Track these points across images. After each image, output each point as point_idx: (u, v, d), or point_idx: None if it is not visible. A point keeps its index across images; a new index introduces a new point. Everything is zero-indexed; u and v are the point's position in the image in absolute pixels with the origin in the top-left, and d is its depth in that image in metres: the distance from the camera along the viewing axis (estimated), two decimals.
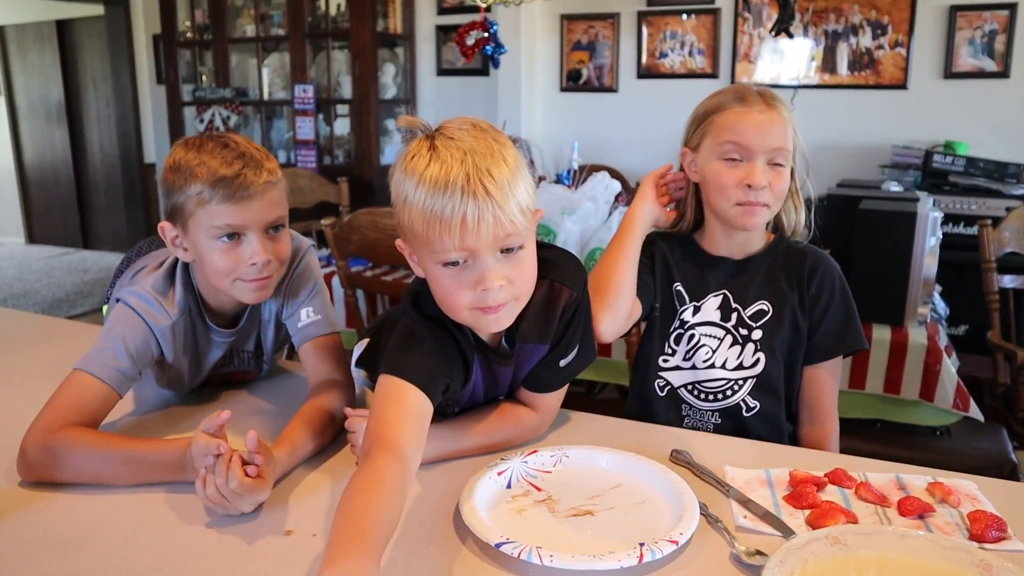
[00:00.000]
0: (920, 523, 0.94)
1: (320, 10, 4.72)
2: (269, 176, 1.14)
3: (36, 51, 6.94)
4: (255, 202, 1.12)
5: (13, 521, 0.95)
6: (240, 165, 1.11)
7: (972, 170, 3.37)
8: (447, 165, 0.93)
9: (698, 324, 1.34)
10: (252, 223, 1.14)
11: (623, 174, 3.28)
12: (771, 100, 1.26)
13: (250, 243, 1.14)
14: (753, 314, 1.32)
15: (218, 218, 1.12)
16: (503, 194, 0.93)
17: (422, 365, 1.00)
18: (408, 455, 0.90)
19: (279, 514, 0.96)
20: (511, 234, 0.95)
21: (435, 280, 1.00)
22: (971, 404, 2.12)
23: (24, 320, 1.96)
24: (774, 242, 1.36)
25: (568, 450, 1.07)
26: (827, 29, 3.82)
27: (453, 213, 0.92)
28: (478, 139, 0.96)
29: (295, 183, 3.67)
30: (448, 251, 0.95)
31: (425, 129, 0.99)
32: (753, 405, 1.32)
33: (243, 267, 1.15)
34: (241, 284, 1.17)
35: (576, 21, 4.39)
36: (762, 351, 1.31)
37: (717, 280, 1.35)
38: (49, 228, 7.30)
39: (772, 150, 1.24)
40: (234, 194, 1.11)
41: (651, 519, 0.94)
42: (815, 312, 1.31)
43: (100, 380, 1.12)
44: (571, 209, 2.49)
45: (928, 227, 2.16)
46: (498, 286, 0.96)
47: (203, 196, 1.11)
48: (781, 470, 1.05)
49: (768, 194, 1.25)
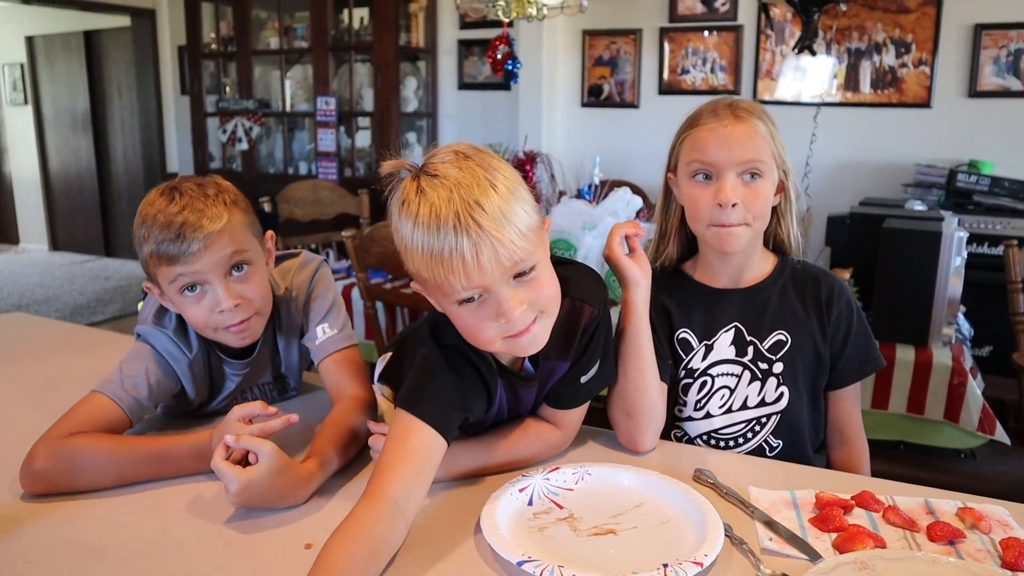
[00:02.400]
0: (950, 549, 0.92)
1: (343, 23, 4.76)
2: (212, 223, 1.11)
3: (63, 61, 7.06)
4: (203, 254, 1.11)
5: (32, 529, 0.95)
6: (179, 223, 1.09)
7: (997, 190, 3.34)
8: (435, 206, 0.90)
9: (711, 365, 1.27)
10: (207, 272, 1.12)
11: (643, 190, 3.27)
12: (741, 112, 1.18)
13: (214, 292, 1.14)
14: (771, 346, 1.25)
15: (171, 275, 1.12)
16: (497, 225, 0.90)
17: (437, 401, 0.99)
18: (400, 501, 0.90)
19: (299, 527, 0.96)
20: (517, 261, 0.93)
21: (457, 319, 0.99)
22: (997, 427, 2.09)
23: (48, 327, 1.97)
24: (780, 265, 1.29)
25: (590, 468, 1.06)
26: (850, 47, 3.80)
27: (452, 254, 0.90)
28: (463, 170, 0.92)
29: (316, 195, 3.69)
30: (458, 291, 0.93)
31: (411, 168, 0.96)
32: (776, 444, 1.26)
33: (214, 316, 1.14)
34: (222, 332, 1.17)
35: (598, 37, 4.40)
36: (785, 385, 1.24)
37: (726, 314, 1.27)
38: (72, 235, 7.40)
39: (742, 163, 1.17)
40: (177, 254, 1.10)
41: (674, 539, 0.92)
42: (836, 338, 1.26)
43: (117, 404, 1.13)
44: (592, 224, 2.49)
45: (953, 247, 2.14)
46: (519, 312, 0.95)
47: (154, 260, 1.12)
48: (806, 492, 1.03)
49: (741, 212, 1.17)
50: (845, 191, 3.73)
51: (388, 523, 0.88)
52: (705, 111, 1.22)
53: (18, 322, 2.00)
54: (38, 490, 1.03)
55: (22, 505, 1.01)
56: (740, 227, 1.19)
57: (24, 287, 6.03)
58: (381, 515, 0.88)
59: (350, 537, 0.84)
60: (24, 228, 7.78)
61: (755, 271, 1.28)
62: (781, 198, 1.24)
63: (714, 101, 1.23)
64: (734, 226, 1.19)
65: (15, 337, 1.80)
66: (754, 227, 1.21)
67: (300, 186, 3.68)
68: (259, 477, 0.96)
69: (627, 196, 2.56)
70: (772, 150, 1.19)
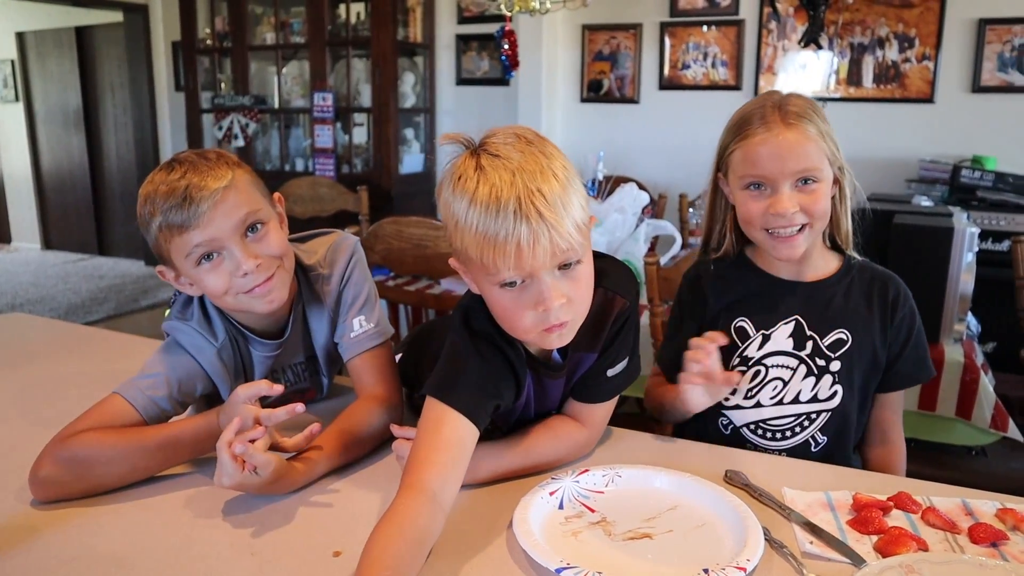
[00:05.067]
0: (994, 551, 0.90)
1: (340, 18, 4.71)
2: (217, 182, 1.06)
3: (55, 57, 6.98)
4: (215, 215, 1.05)
5: (50, 538, 0.92)
6: (183, 188, 1.04)
7: (1001, 185, 3.33)
8: (496, 188, 0.89)
9: (767, 356, 1.25)
10: (220, 236, 1.07)
11: (646, 186, 3.24)
12: (791, 117, 1.16)
13: (231, 256, 1.08)
14: (831, 343, 1.23)
15: (186, 246, 1.07)
16: (557, 215, 0.89)
17: (469, 388, 0.98)
18: (437, 492, 0.89)
19: (328, 535, 0.93)
20: (568, 251, 0.92)
21: (495, 302, 0.98)
22: (1010, 424, 2.07)
23: (49, 327, 1.94)
24: (845, 263, 1.27)
25: (620, 470, 1.04)
26: (853, 42, 3.78)
27: (508, 238, 0.88)
28: (525, 155, 0.91)
29: (315, 191, 3.66)
30: (504, 274, 0.92)
31: (468, 144, 0.95)
32: (821, 441, 1.25)
33: (236, 280, 1.09)
34: (245, 297, 1.11)
35: (598, 31, 4.37)
36: (840, 384, 1.23)
37: (788, 306, 1.26)
38: (65, 234, 7.33)
39: (797, 172, 1.15)
40: (185, 220, 1.04)
41: (712, 543, 0.90)
42: (896, 342, 1.25)
43: (132, 405, 1.09)
44: (598, 220, 2.46)
45: (965, 242, 2.12)
46: (558, 305, 0.93)
47: (165, 234, 1.06)
48: (842, 493, 1.01)
49: (801, 216, 1.17)
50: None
51: (428, 515, 0.87)
52: (754, 116, 1.19)
53: (17, 323, 1.96)
54: (49, 496, 1.00)
55: (38, 514, 0.98)
56: (801, 234, 1.18)
57: (17, 286, 5.97)
58: (422, 507, 0.87)
59: (395, 530, 0.83)
60: (16, 227, 7.70)
61: (817, 267, 1.27)
62: (836, 191, 1.22)
63: (762, 101, 1.20)
64: (793, 237, 1.18)
65: (16, 338, 1.76)
66: (815, 228, 1.20)
67: (299, 183, 3.64)
68: (254, 484, 0.97)
69: (634, 192, 2.54)
70: (826, 151, 1.17)
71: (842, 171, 1.22)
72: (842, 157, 1.21)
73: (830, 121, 1.21)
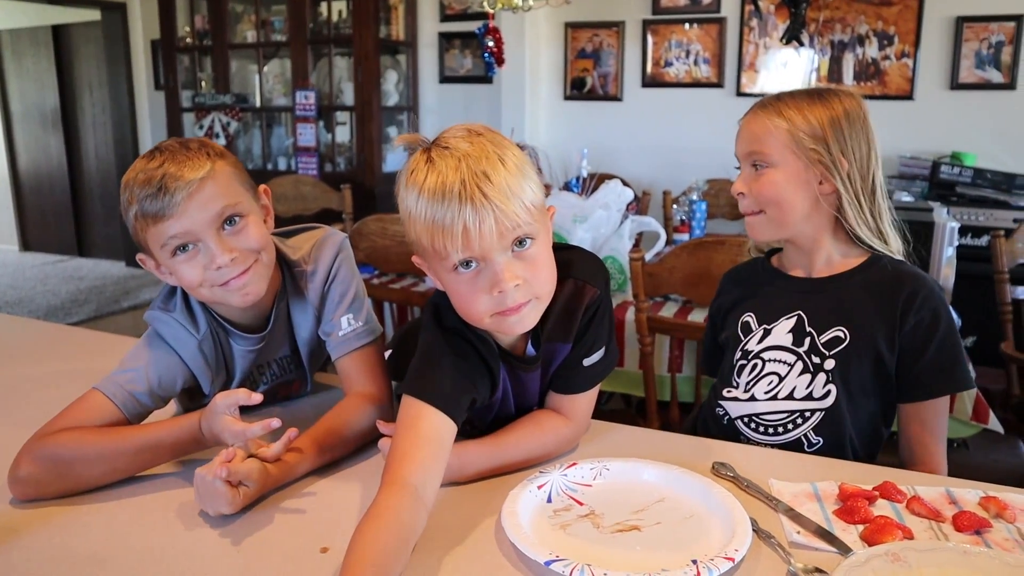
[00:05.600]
0: (978, 539, 0.90)
1: (322, 16, 4.69)
2: (194, 172, 1.03)
3: (31, 56, 6.90)
4: (189, 205, 1.03)
5: (31, 538, 0.91)
6: (160, 178, 1.02)
7: (980, 181, 3.37)
8: (442, 174, 0.91)
9: (765, 350, 1.26)
10: (197, 228, 1.05)
11: (629, 183, 3.25)
12: (765, 104, 1.24)
13: (206, 248, 1.06)
14: (828, 341, 1.22)
15: (161, 236, 1.05)
16: (502, 196, 0.91)
17: (444, 384, 0.98)
18: (419, 488, 0.89)
19: (315, 531, 0.92)
20: (516, 230, 0.93)
21: (452, 289, 0.98)
22: (991, 416, 2.09)
23: (28, 327, 1.91)
24: (866, 262, 1.23)
25: (608, 463, 1.04)
26: (833, 39, 3.81)
27: (454, 221, 0.90)
28: (474, 144, 0.94)
29: (298, 190, 3.63)
30: (453, 256, 0.93)
31: (424, 143, 0.98)
32: (816, 441, 1.23)
33: (210, 273, 1.07)
34: (220, 290, 1.09)
35: (580, 29, 4.37)
36: (834, 383, 1.21)
37: (792, 301, 1.26)
38: (44, 235, 7.24)
39: (747, 154, 1.23)
40: (160, 210, 1.02)
41: (700, 534, 0.90)
42: (911, 347, 1.18)
43: (111, 401, 1.08)
44: (583, 217, 2.46)
45: (946, 237, 2.15)
46: (513, 286, 0.94)
47: (140, 223, 1.05)
48: (828, 483, 1.02)
49: (750, 201, 1.23)
50: None
51: (411, 510, 0.86)
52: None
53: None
54: (28, 495, 0.99)
55: (17, 513, 0.96)
56: (757, 217, 1.23)
57: None
58: (403, 502, 0.86)
59: (380, 526, 0.83)
60: None
61: (830, 263, 1.26)
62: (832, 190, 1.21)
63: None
64: (750, 214, 1.23)
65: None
66: (770, 215, 1.22)
67: (282, 181, 3.62)
68: (248, 495, 0.96)
69: (618, 189, 2.54)
70: (785, 142, 1.20)
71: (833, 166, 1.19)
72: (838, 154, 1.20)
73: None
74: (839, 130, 1.20)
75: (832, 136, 1.21)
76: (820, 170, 1.21)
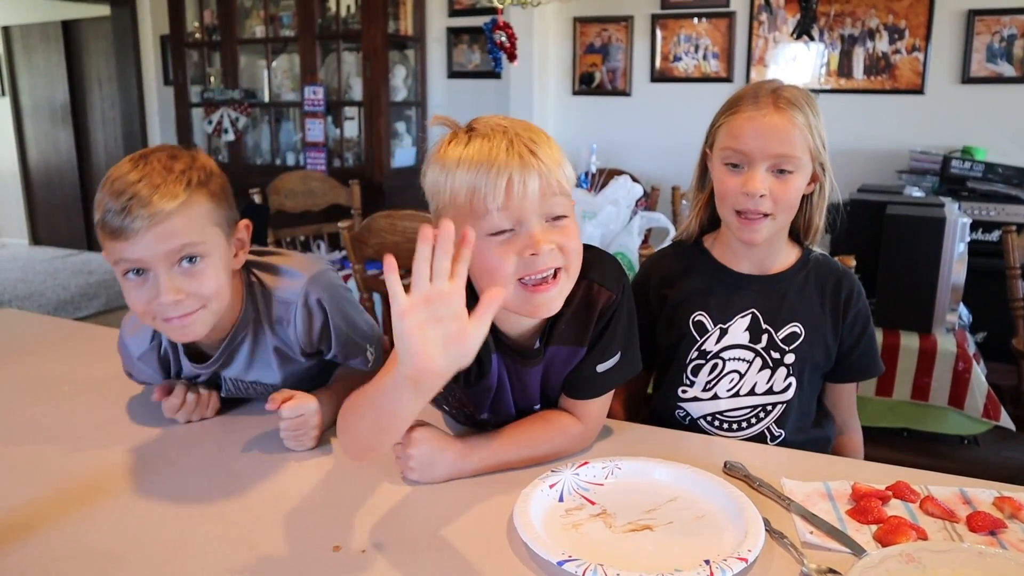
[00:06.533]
0: (993, 540, 0.90)
1: (330, 11, 4.68)
2: (164, 202, 1.00)
3: (42, 51, 6.92)
4: (146, 235, 1.00)
5: (46, 534, 0.91)
6: (128, 197, 0.99)
7: (991, 176, 3.34)
8: (488, 139, 0.95)
9: (724, 349, 1.26)
10: (150, 259, 1.02)
11: (638, 178, 3.24)
12: (782, 102, 1.17)
13: (154, 281, 1.03)
14: (786, 336, 1.25)
15: (112, 254, 1.04)
16: (549, 156, 0.95)
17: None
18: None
19: (326, 529, 0.92)
20: (557, 198, 0.96)
21: (480, 253, 0.93)
22: (1002, 412, 2.09)
23: (40, 323, 1.92)
24: (803, 257, 1.29)
25: (620, 462, 1.03)
26: (843, 33, 3.79)
27: (500, 172, 0.92)
28: (513, 123, 0.99)
29: (306, 185, 3.63)
30: (493, 216, 0.94)
31: (456, 126, 1.01)
32: (778, 434, 1.27)
33: (154, 305, 1.04)
34: (161, 323, 1.07)
35: (589, 24, 4.36)
36: (794, 376, 1.25)
37: (745, 300, 1.27)
38: (53, 229, 7.27)
39: (774, 156, 1.16)
40: (118, 229, 0.99)
41: (713, 534, 0.90)
42: (849, 337, 1.28)
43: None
44: (592, 213, 2.46)
45: (957, 233, 2.13)
46: (548, 249, 0.95)
47: (99, 229, 1.03)
48: (841, 483, 1.01)
49: (768, 203, 1.17)
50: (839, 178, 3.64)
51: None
52: (747, 95, 1.20)
53: (7, 318, 1.95)
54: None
55: (32, 510, 0.96)
56: (764, 220, 1.19)
57: (5, 282, 5.92)
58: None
59: None
60: (3, 222, 7.63)
61: (777, 260, 1.28)
62: (815, 189, 1.23)
63: (757, 85, 1.22)
64: (758, 220, 1.19)
65: (8, 335, 1.75)
66: (778, 220, 1.21)
67: (290, 177, 3.62)
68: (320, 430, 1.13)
69: (627, 184, 2.54)
70: (809, 143, 1.17)
71: (823, 169, 1.22)
72: (827, 156, 1.21)
73: (822, 114, 1.21)
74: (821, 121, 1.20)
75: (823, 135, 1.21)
76: (816, 171, 1.21)
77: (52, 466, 1.08)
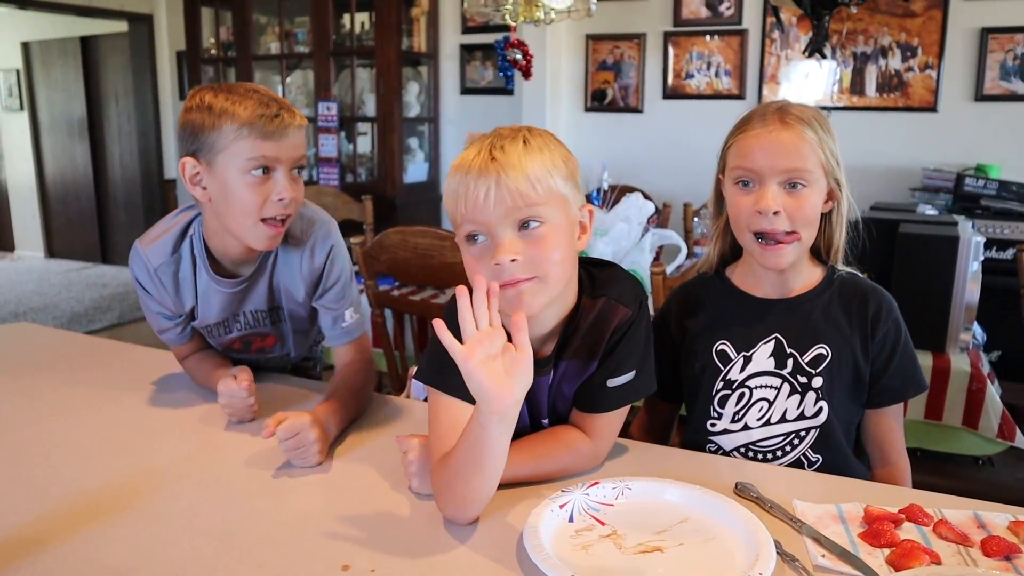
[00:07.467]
0: (1007, 565, 0.89)
1: (344, 28, 4.73)
2: (300, 120, 1.25)
3: (60, 67, 7.01)
4: (288, 140, 1.22)
5: (56, 550, 0.92)
6: (276, 107, 1.22)
7: (1005, 194, 3.32)
8: (472, 149, 1.00)
9: (750, 377, 1.24)
10: (284, 159, 1.23)
11: (650, 195, 3.24)
12: (790, 118, 1.16)
13: (278, 179, 1.23)
14: (812, 360, 1.22)
15: (254, 151, 1.20)
16: (511, 165, 0.97)
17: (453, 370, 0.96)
18: None
19: (336, 548, 0.92)
20: (521, 207, 0.97)
21: (465, 259, 1.03)
22: (1017, 433, 2.06)
23: (57, 337, 1.93)
24: (827, 276, 1.25)
25: (630, 482, 1.03)
26: (856, 51, 3.79)
27: (468, 187, 0.97)
28: (514, 130, 1.03)
29: (320, 200, 3.64)
30: (465, 225, 1.00)
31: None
32: (815, 459, 1.23)
33: (270, 203, 1.23)
34: (261, 226, 1.24)
35: (601, 41, 4.38)
36: (824, 399, 1.21)
37: (767, 325, 1.24)
38: (68, 242, 7.33)
39: (784, 171, 1.14)
40: (272, 131, 1.20)
41: (724, 556, 0.89)
42: (880, 357, 1.22)
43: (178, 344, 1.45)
44: (603, 230, 2.46)
45: (971, 251, 2.12)
46: (509, 259, 0.97)
47: (242, 132, 1.19)
48: (853, 505, 1.01)
49: (785, 221, 1.15)
50: (852, 195, 3.70)
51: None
52: (755, 115, 1.20)
53: (23, 332, 1.96)
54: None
55: (43, 526, 0.97)
56: (789, 245, 1.17)
57: (21, 295, 5.97)
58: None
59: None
60: (20, 235, 7.71)
61: (799, 281, 1.25)
62: (833, 207, 1.22)
63: (766, 105, 1.21)
64: (783, 244, 1.17)
65: (24, 349, 1.76)
66: (803, 238, 1.18)
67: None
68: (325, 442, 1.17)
69: (639, 202, 2.54)
70: (820, 158, 1.16)
71: (839, 185, 1.20)
72: (842, 172, 1.20)
73: (835, 131, 1.20)
74: (834, 139, 1.20)
75: (836, 151, 1.20)
76: (832, 187, 1.20)
77: (63, 481, 1.09)
